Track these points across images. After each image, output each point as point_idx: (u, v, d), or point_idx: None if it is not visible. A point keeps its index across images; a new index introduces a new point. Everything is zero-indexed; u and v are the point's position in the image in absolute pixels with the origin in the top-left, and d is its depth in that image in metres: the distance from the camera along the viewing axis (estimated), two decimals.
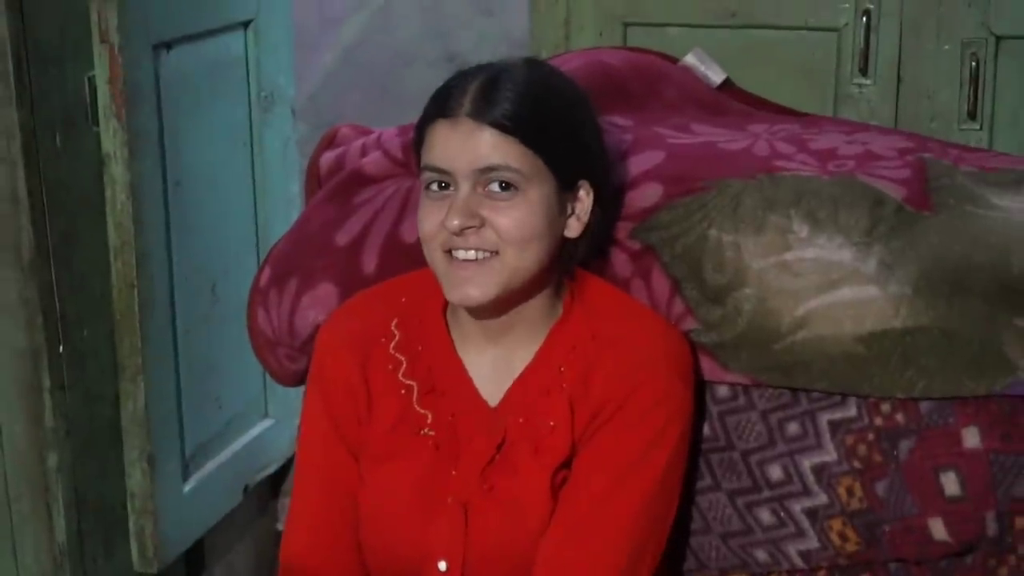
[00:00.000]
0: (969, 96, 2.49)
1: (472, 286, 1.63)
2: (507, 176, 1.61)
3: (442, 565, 1.72)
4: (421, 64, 2.97)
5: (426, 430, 1.74)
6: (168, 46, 2.43)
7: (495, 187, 1.62)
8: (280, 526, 2.94)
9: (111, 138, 2.30)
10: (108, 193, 2.33)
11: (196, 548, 2.65)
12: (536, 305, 1.73)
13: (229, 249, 2.69)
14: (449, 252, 1.64)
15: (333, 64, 2.99)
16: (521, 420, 1.71)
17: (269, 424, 2.86)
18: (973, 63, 2.47)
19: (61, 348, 2.29)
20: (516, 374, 1.73)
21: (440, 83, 1.71)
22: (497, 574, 1.72)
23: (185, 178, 2.51)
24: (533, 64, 1.74)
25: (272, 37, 2.77)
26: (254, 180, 2.76)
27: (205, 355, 2.61)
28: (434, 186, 1.64)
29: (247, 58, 2.71)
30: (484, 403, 1.74)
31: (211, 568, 2.74)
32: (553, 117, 1.66)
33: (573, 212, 1.69)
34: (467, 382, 1.74)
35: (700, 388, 1.80)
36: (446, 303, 1.75)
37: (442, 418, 1.74)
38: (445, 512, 1.71)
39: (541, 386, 1.72)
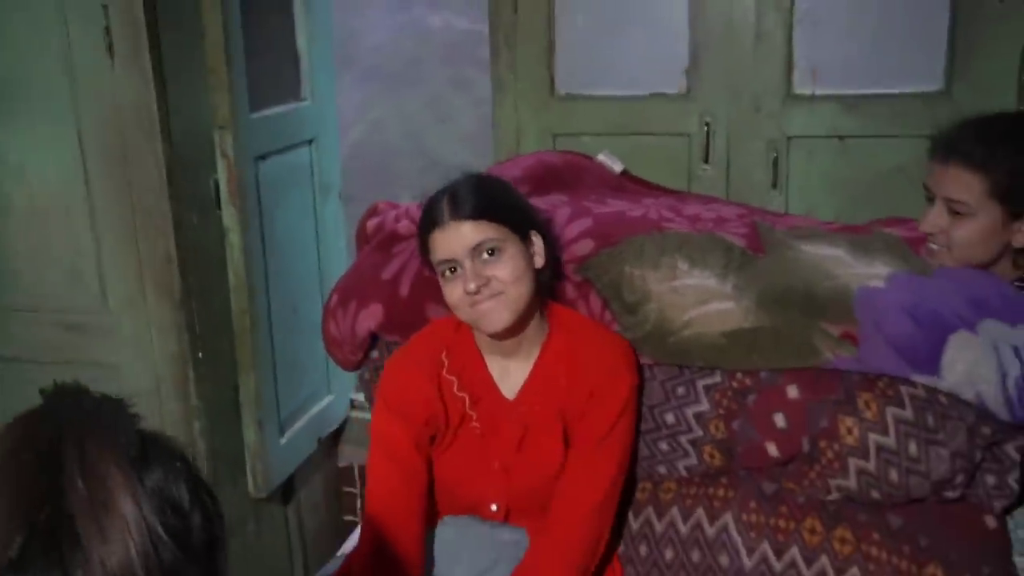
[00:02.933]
0: (773, 174, 2.51)
1: (497, 316, 1.61)
2: (490, 244, 1.59)
3: (493, 507, 1.72)
4: (402, 155, 2.97)
5: (474, 423, 1.71)
6: (264, 157, 2.44)
7: (486, 254, 1.59)
8: (341, 463, 2.93)
9: (230, 217, 2.33)
10: (228, 252, 2.35)
11: (288, 480, 2.66)
12: (531, 329, 1.69)
13: (303, 284, 2.69)
14: (474, 305, 1.61)
15: (345, 158, 2.96)
16: (534, 408, 1.69)
17: (331, 399, 2.85)
18: (774, 153, 2.49)
19: (200, 354, 2.29)
20: (524, 377, 1.71)
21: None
22: (529, 508, 1.71)
23: (276, 240, 2.52)
24: (477, 175, 1.71)
25: (326, 148, 2.78)
26: (317, 240, 2.76)
27: (291, 355, 2.60)
28: (447, 272, 1.61)
29: (311, 162, 2.71)
30: (505, 399, 1.71)
31: (298, 492, 2.73)
32: (500, 200, 1.65)
33: (535, 251, 1.67)
34: (494, 387, 1.72)
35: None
36: (474, 335, 1.71)
37: (483, 415, 1.71)
38: (493, 473, 1.71)
39: (543, 385, 1.70)
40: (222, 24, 2.21)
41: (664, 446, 1.80)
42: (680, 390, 1.79)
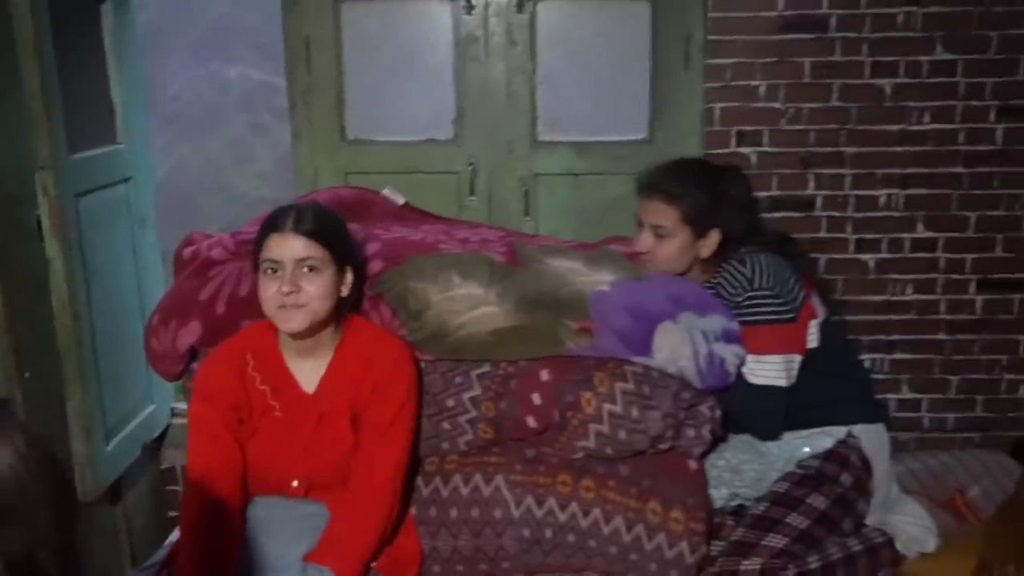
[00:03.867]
0: (524, 204, 2.60)
1: (295, 320, 1.63)
2: (312, 262, 1.62)
3: (295, 483, 1.70)
4: (205, 192, 2.91)
5: (277, 412, 1.71)
6: (84, 194, 2.29)
7: (306, 268, 1.61)
8: (163, 466, 2.78)
9: (53, 249, 2.17)
10: (52, 278, 2.19)
11: (115, 484, 2.49)
12: (327, 333, 1.70)
13: (125, 306, 2.54)
14: (280, 306, 1.62)
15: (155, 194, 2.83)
16: (328, 399, 1.70)
17: (153, 407, 2.70)
18: (525, 188, 2.59)
19: (27, 374, 2.12)
20: (321, 374, 1.71)
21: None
22: (325, 483, 1.70)
23: (97, 268, 2.37)
24: (319, 205, 1.74)
25: (142, 185, 2.64)
26: (136, 266, 2.62)
27: (115, 369, 2.45)
28: (270, 270, 1.62)
29: (128, 199, 2.57)
30: (305, 393, 1.71)
31: (124, 494, 2.57)
32: (334, 231, 1.68)
33: (344, 282, 1.69)
34: (294, 383, 1.71)
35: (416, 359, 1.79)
36: (276, 340, 1.71)
37: (284, 405, 1.71)
38: (293, 454, 1.69)
39: (337, 379, 1.70)
40: (39, 73, 2.08)
41: (446, 425, 1.83)
42: (458, 379, 1.83)
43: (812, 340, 1.89)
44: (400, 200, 2.30)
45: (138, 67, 2.64)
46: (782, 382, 1.82)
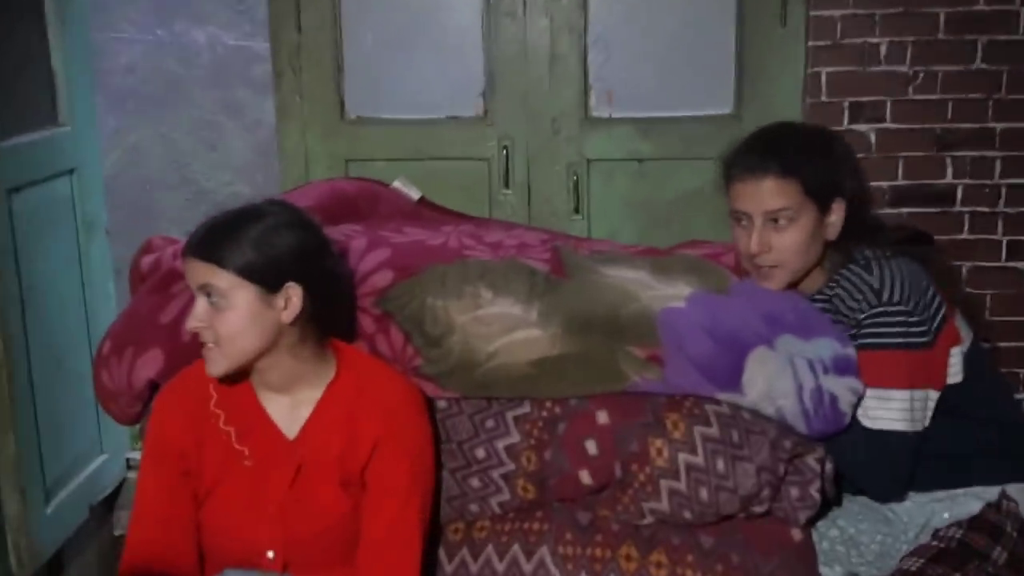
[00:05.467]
0: (574, 199, 2.62)
1: (213, 365, 1.61)
2: (214, 291, 1.57)
3: (270, 555, 1.67)
4: (166, 186, 2.93)
5: (246, 461, 1.67)
6: (17, 189, 2.34)
7: (211, 299, 1.58)
8: (116, 532, 2.81)
9: None
10: None
11: (56, 554, 2.52)
12: (297, 367, 1.65)
13: (68, 331, 2.58)
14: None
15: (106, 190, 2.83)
16: (314, 449, 1.67)
17: (104, 458, 2.74)
18: (574, 177, 2.60)
19: None
20: (306, 416, 1.68)
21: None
22: (309, 561, 1.68)
23: (35, 284, 2.41)
24: (256, 205, 1.64)
25: (89, 179, 2.68)
26: (83, 282, 2.65)
27: (56, 412, 2.49)
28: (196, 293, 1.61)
29: (73, 195, 2.61)
30: (284, 437, 1.68)
31: (68, 566, 2.59)
32: (247, 243, 1.57)
33: (286, 307, 1.60)
34: (271, 424, 1.68)
35: (428, 403, 1.78)
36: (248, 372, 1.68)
37: (256, 451, 1.67)
38: (267, 518, 1.66)
39: (325, 425, 1.67)
40: None
41: (475, 483, 1.82)
42: (489, 423, 1.82)
43: (954, 373, 1.86)
44: (415, 194, 2.31)
45: (84, 33, 2.70)
46: (909, 426, 1.79)
